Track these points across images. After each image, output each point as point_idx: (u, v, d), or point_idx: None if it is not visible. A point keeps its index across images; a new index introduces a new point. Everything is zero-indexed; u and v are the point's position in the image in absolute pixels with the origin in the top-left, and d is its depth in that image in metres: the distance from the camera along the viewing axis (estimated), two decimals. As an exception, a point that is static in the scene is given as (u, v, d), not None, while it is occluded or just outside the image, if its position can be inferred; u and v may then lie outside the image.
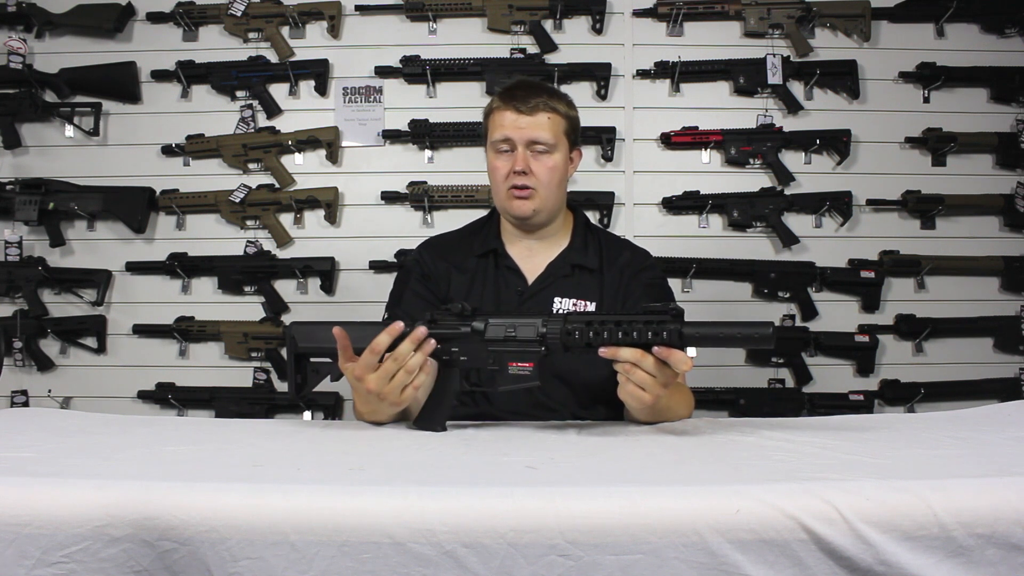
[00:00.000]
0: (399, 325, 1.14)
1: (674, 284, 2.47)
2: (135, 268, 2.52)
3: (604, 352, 1.08)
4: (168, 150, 2.52)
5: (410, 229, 2.50)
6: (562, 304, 1.49)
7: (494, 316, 1.17)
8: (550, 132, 1.47)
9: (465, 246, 1.58)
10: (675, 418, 1.30)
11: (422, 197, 2.46)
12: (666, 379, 1.09)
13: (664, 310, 1.07)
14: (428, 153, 2.51)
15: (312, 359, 1.25)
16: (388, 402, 1.16)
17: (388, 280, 2.45)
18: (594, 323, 1.10)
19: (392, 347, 1.14)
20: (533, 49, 2.50)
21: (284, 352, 2.49)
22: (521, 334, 1.14)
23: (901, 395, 2.46)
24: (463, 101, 2.51)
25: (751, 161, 2.49)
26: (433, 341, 1.15)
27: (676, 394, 1.26)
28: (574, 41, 2.52)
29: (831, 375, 2.50)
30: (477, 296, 1.51)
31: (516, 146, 1.46)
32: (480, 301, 1.49)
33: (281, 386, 2.52)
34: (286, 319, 2.52)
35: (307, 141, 2.51)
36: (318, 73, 2.52)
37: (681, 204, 2.48)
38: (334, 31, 2.52)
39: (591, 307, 1.50)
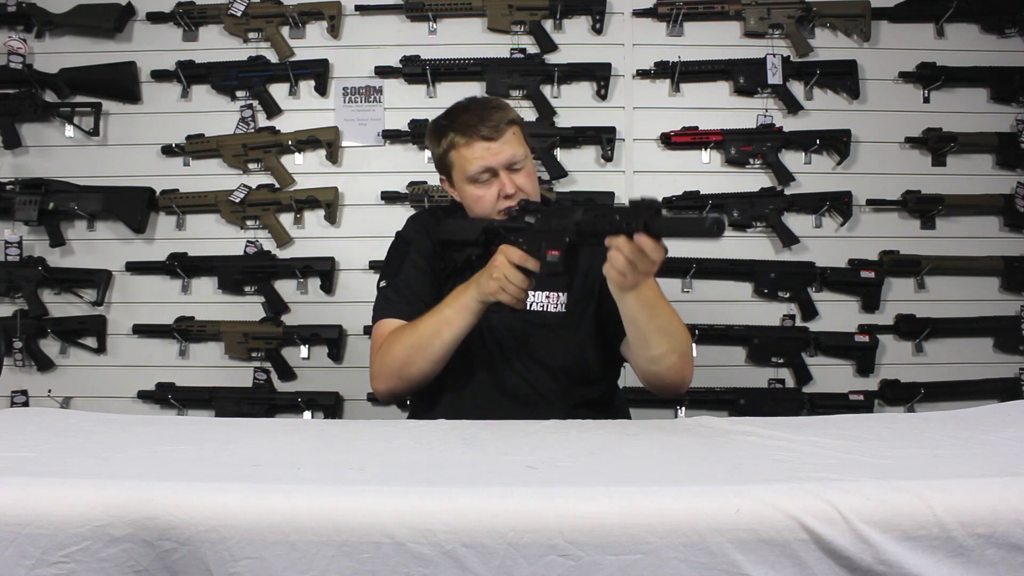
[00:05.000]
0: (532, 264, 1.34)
1: (674, 284, 2.48)
2: (135, 268, 2.52)
3: (608, 241, 1.20)
4: (168, 150, 2.52)
5: (410, 229, 2.50)
6: (534, 296, 1.52)
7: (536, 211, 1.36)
8: (520, 145, 1.49)
9: None
10: (667, 324, 1.36)
11: (422, 197, 2.46)
12: (645, 268, 1.20)
13: (646, 204, 1.17)
14: (428, 153, 2.51)
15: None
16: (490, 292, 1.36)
17: (388, 280, 2.47)
18: (599, 216, 1.25)
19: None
20: (533, 49, 2.50)
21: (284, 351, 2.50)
22: (555, 226, 1.30)
23: (901, 395, 2.46)
24: (463, 101, 2.51)
25: (751, 161, 2.49)
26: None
27: (668, 307, 1.38)
28: (574, 41, 2.52)
29: (831, 375, 2.50)
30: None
31: (498, 172, 1.47)
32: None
33: (281, 386, 2.52)
34: (286, 319, 2.52)
35: (307, 141, 2.51)
36: (318, 73, 2.52)
37: (681, 204, 2.47)
38: (334, 31, 2.52)
39: (563, 298, 1.53)
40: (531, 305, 1.51)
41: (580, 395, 1.53)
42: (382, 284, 1.56)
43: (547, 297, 1.53)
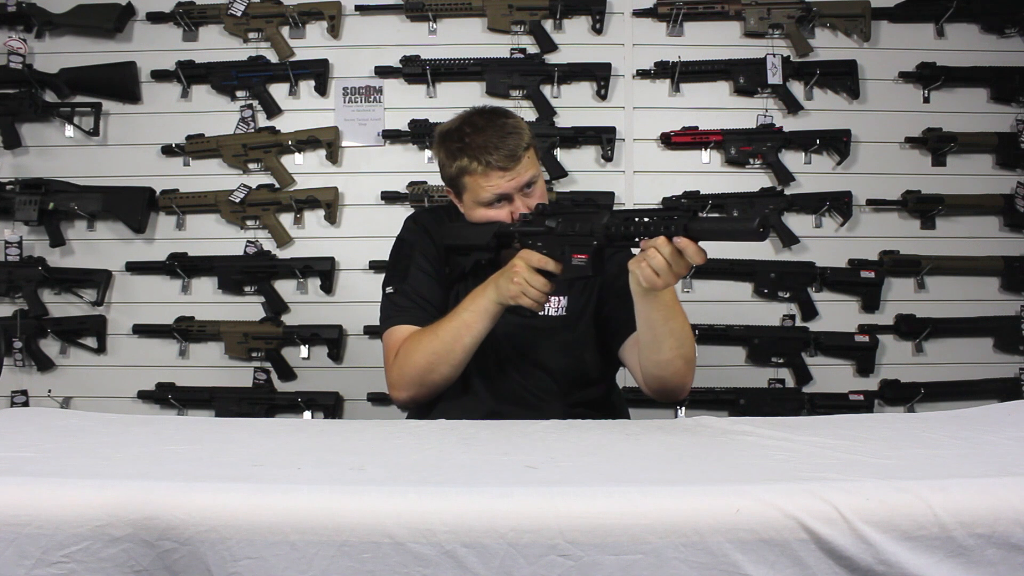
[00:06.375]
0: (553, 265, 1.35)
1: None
2: (135, 268, 2.52)
3: (645, 242, 1.21)
4: (168, 150, 2.51)
5: (410, 229, 2.50)
6: None
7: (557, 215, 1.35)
8: (534, 166, 1.47)
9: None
10: (680, 329, 1.36)
11: (422, 197, 2.46)
12: (679, 270, 1.21)
13: (682, 208, 1.20)
14: (428, 153, 2.51)
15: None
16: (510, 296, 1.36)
17: (388, 280, 2.47)
18: (629, 219, 1.25)
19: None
20: (533, 49, 2.50)
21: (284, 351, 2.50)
22: (580, 229, 1.30)
23: (901, 395, 2.46)
24: (463, 101, 2.49)
25: (751, 161, 2.49)
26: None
27: (682, 312, 1.38)
28: (574, 41, 2.51)
29: (831, 375, 2.50)
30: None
31: (513, 196, 1.45)
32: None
33: (281, 386, 2.52)
34: (286, 319, 2.52)
35: (307, 141, 2.51)
36: (318, 73, 2.51)
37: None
38: (334, 31, 2.52)
39: (564, 301, 1.53)
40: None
41: (578, 396, 1.53)
42: (389, 290, 1.53)
43: (548, 301, 1.52)
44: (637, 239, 1.23)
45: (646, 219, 1.20)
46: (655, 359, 1.38)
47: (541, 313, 1.50)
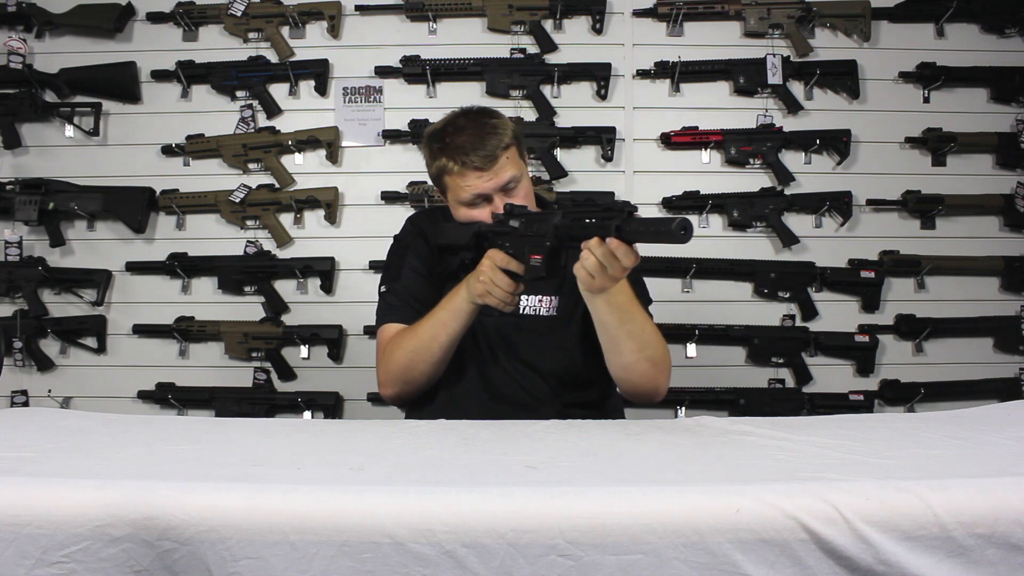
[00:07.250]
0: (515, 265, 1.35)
1: (674, 284, 2.48)
2: (135, 268, 2.52)
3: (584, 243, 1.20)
4: (168, 150, 2.52)
5: (410, 229, 2.50)
6: (527, 300, 1.53)
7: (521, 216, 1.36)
8: (514, 166, 1.46)
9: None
10: (639, 331, 1.36)
11: (422, 197, 2.46)
12: (614, 272, 1.19)
13: (618, 208, 1.18)
14: (427, 154, 2.51)
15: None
16: (477, 295, 1.37)
17: (388, 280, 2.47)
18: (577, 220, 1.25)
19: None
20: (533, 49, 2.50)
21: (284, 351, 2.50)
22: (537, 230, 1.31)
23: (901, 395, 2.46)
24: (463, 101, 2.46)
25: (751, 161, 2.49)
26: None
27: (641, 313, 1.38)
28: (574, 41, 2.52)
29: (831, 375, 2.50)
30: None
31: (492, 197, 1.45)
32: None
33: (281, 386, 2.52)
34: (286, 319, 2.52)
35: (307, 141, 2.51)
36: (318, 73, 2.52)
37: (681, 204, 2.48)
38: (334, 31, 2.52)
39: (555, 302, 1.53)
40: (523, 309, 1.52)
41: (572, 397, 1.53)
42: (383, 289, 1.56)
43: (539, 301, 1.53)
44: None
45: (588, 220, 1.20)
46: (618, 362, 1.39)
47: (529, 313, 1.51)
